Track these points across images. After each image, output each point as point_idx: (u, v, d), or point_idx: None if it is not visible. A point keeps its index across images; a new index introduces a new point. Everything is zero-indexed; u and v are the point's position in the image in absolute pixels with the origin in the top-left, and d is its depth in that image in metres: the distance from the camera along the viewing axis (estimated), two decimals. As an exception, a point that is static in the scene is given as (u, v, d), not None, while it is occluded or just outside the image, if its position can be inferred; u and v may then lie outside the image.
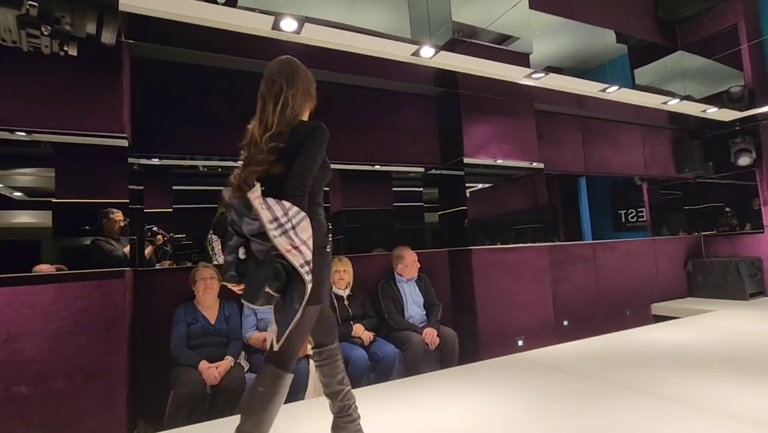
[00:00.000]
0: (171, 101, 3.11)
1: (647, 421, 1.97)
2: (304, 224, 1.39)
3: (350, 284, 3.25)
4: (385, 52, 2.93)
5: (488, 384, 2.64)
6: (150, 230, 3.02)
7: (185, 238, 3.27)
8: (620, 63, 5.22)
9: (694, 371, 2.65)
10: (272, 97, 1.57)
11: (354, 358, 2.84)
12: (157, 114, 3.05)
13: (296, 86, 1.60)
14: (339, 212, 3.93)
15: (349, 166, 3.86)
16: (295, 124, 1.55)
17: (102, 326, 2.33)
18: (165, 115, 3.08)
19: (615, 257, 5.05)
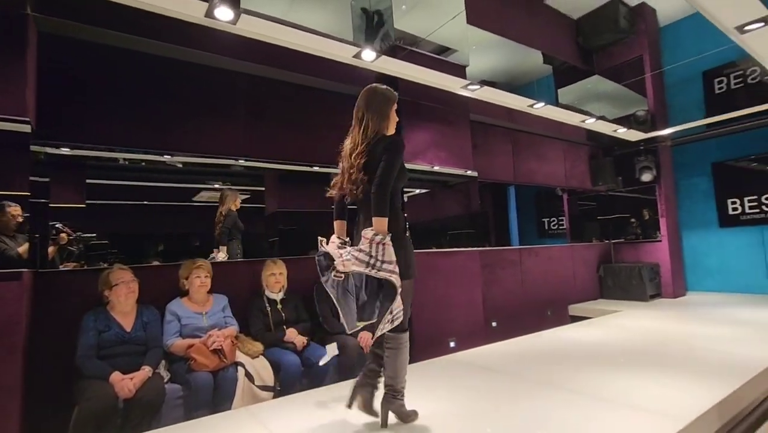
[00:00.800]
0: (88, 87, 2.82)
1: (564, 414, 2.12)
2: (388, 250, 1.77)
3: (284, 287, 3.15)
4: (327, 51, 2.90)
5: (421, 385, 2.68)
6: (53, 228, 2.70)
7: (96, 237, 2.97)
8: (546, 82, 5.65)
9: (604, 366, 2.90)
10: (357, 120, 2.03)
11: (286, 363, 2.75)
12: (70, 99, 2.74)
13: (373, 110, 1.99)
14: (275, 213, 3.81)
15: (287, 167, 3.76)
16: (376, 140, 1.94)
17: (-10, 334, 2.02)
18: (80, 101, 2.78)
19: (539, 262, 5.41)
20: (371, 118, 1.97)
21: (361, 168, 1.90)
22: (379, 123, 1.97)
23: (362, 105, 2.02)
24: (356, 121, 2.03)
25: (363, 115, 2.00)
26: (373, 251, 1.75)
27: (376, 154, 1.89)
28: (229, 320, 2.86)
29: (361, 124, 1.99)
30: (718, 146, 5.97)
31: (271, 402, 2.53)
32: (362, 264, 1.74)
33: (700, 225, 6.18)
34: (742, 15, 2.98)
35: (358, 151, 1.92)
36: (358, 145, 1.94)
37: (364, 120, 1.98)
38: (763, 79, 5.19)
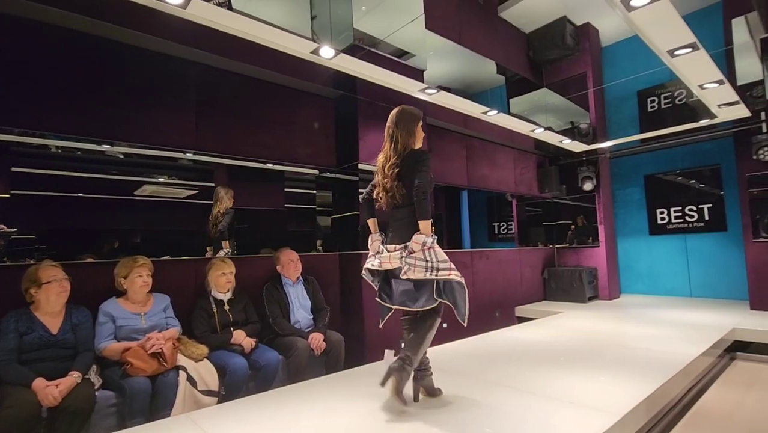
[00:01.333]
0: (16, 65, 2.55)
1: (509, 411, 2.19)
2: (438, 252, 2.14)
3: (233, 287, 3.03)
4: (284, 45, 2.82)
5: (372, 386, 2.66)
6: None
7: (20, 231, 2.70)
8: (499, 92, 5.87)
9: (547, 365, 3.04)
10: (389, 137, 2.30)
11: (232, 366, 2.63)
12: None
13: (402, 127, 2.27)
14: (225, 211, 3.65)
15: (239, 162, 3.63)
16: (406, 154, 2.24)
17: None
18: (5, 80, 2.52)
19: (489, 264, 5.59)
20: (401, 134, 2.26)
21: (395, 178, 2.21)
22: (407, 139, 2.26)
23: (392, 123, 2.30)
24: (387, 137, 2.31)
25: (393, 132, 2.28)
26: (428, 256, 2.10)
27: (409, 165, 2.19)
28: (170, 321, 2.70)
29: (392, 140, 2.28)
30: (650, 160, 6.49)
31: (214, 408, 2.41)
32: (423, 270, 2.10)
33: (633, 232, 6.67)
34: (673, 40, 3.25)
35: (391, 163, 2.23)
36: (390, 158, 2.25)
37: (395, 136, 2.27)
38: (688, 101, 5.70)
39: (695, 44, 3.29)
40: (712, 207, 5.97)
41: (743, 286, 5.32)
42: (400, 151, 2.24)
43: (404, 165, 2.21)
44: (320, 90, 3.96)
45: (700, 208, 6.07)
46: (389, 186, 2.21)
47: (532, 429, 1.96)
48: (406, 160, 2.21)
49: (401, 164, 2.21)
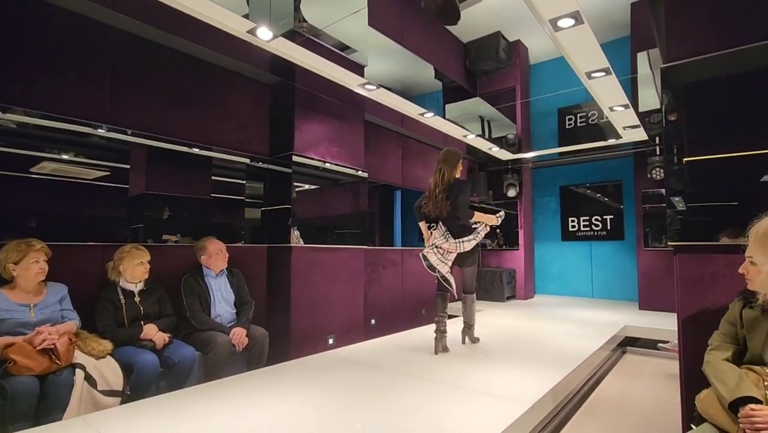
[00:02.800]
0: None
1: (431, 404, 2.25)
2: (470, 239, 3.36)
3: (145, 278, 2.77)
4: (219, 21, 2.64)
5: (296, 383, 2.60)
6: None
7: None
8: (436, 96, 6.06)
9: (467, 359, 3.18)
10: (438, 169, 3.29)
11: (140, 364, 2.40)
12: None
13: (448, 164, 3.29)
14: (141, 195, 3.34)
15: (161, 144, 3.33)
16: (451, 183, 3.27)
17: None
18: None
19: (417, 263, 5.71)
20: (447, 169, 3.26)
21: (442, 199, 3.23)
22: (450, 172, 3.28)
23: (441, 161, 3.29)
24: (437, 169, 3.29)
25: (441, 167, 3.27)
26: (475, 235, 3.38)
27: (453, 190, 3.23)
28: (67, 313, 2.40)
29: (440, 172, 3.27)
30: (565, 173, 7.10)
31: (117, 409, 2.18)
32: (472, 242, 3.36)
33: (548, 238, 7.26)
34: (591, 63, 3.59)
35: (440, 189, 3.24)
36: (438, 185, 3.25)
37: (442, 170, 3.27)
38: (599, 122, 6.32)
39: (608, 69, 3.65)
40: (614, 218, 6.69)
41: (635, 288, 6.02)
42: (446, 181, 3.24)
43: (449, 190, 3.22)
44: (256, 74, 3.78)
45: (604, 219, 6.77)
46: (440, 203, 3.23)
47: (451, 419, 2.03)
48: (452, 187, 3.23)
49: (446, 190, 3.23)
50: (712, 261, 1.90)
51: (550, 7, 2.73)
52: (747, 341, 1.56)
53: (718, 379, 1.51)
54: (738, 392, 1.40)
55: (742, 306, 1.62)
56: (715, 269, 1.86)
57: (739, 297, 1.65)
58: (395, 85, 4.98)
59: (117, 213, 3.26)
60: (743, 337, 1.59)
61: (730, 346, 1.62)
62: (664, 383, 3.52)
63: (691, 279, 1.97)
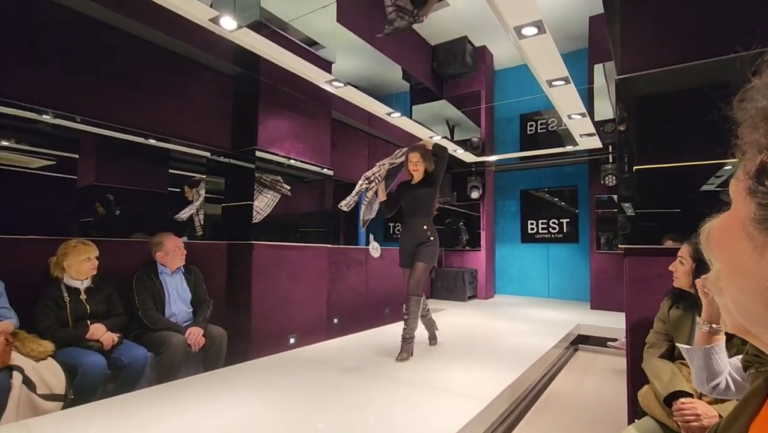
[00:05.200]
0: None
1: (390, 402, 2.26)
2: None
3: (92, 275, 2.61)
4: (180, 7, 2.53)
5: (254, 384, 2.53)
6: None
7: None
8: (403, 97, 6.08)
9: (429, 358, 3.23)
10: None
11: (86, 366, 2.26)
12: None
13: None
14: (90, 187, 3.15)
15: (113, 134, 3.15)
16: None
17: None
18: None
19: (382, 263, 5.73)
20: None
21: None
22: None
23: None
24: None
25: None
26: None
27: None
28: (3, 312, 2.22)
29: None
30: (526, 177, 7.35)
31: (58, 414, 2.04)
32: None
33: (509, 240, 7.48)
34: (552, 72, 3.73)
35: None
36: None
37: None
38: (558, 129, 6.59)
39: (568, 78, 3.81)
40: (569, 222, 6.99)
41: (587, 289, 6.32)
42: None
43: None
44: (218, 64, 3.65)
45: (560, 222, 7.06)
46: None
47: (412, 417, 2.04)
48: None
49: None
50: (657, 263, 2.02)
51: (515, 15, 2.82)
52: (674, 339, 1.68)
53: (654, 375, 1.62)
54: (671, 386, 1.51)
55: (669, 306, 1.74)
56: (660, 270, 1.98)
57: (668, 297, 1.78)
58: (363, 84, 4.96)
59: (63, 205, 3.05)
60: (672, 334, 1.71)
61: (664, 343, 1.74)
62: (612, 379, 3.72)
63: (638, 280, 2.09)
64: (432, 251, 3.19)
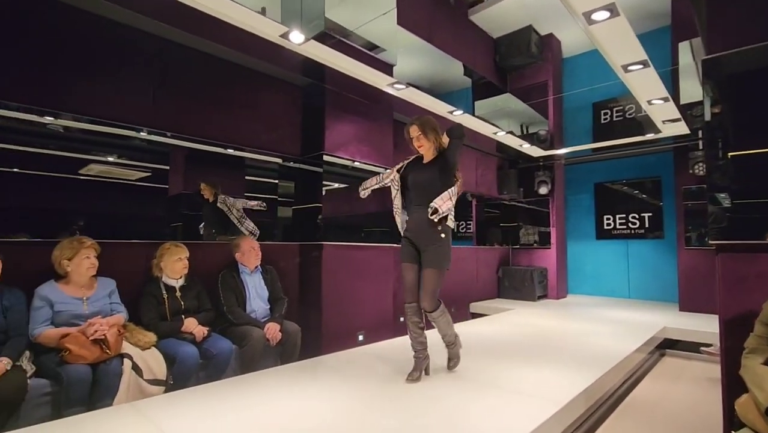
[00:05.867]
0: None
1: (458, 400, 2.26)
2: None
3: (185, 274, 2.91)
4: (253, 26, 2.74)
5: (328, 378, 2.67)
6: None
7: None
8: (465, 94, 5.99)
9: (497, 357, 3.16)
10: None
11: (182, 355, 2.53)
12: None
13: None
14: (179, 196, 3.49)
15: (197, 146, 3.47)
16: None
17: None
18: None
19: (446, 262, 5.70)
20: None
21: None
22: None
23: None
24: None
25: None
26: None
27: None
28: (116, 306, 2.56)
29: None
30: (600, 169, 6.88)
31: (161, 397, 2.31)
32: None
33: (582, 236, 7.06)
34: (628, 56, 3.47)
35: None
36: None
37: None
38: (637, 116, 6.08)
39: (646, 62, 3.52)
40: (652, 216, 6.42)
41: (674, 289, 5.77)
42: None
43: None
44: (288, 76, 3.87)
45: (641, 216, 6.52)
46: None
47: (481, 417, 2.03)
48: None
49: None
50: (757, 261, 1.81)
51: (584, 0, 2.66)
52: None
53: (754, 384, 1.46)
54: None
55: None
56: (761, 268, 1.78)
57: None
58: (424, 83, 4.97)
59: (158, 212, 3.43)
60: None
61: (766, 349, 1.56)
62: (705, 387, 3.38)
63: (733, 279, 1.89)
64: (443, 252, 2.61)
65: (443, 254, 2.61)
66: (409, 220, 2.72)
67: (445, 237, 2.60)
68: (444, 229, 2.61)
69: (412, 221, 2.70)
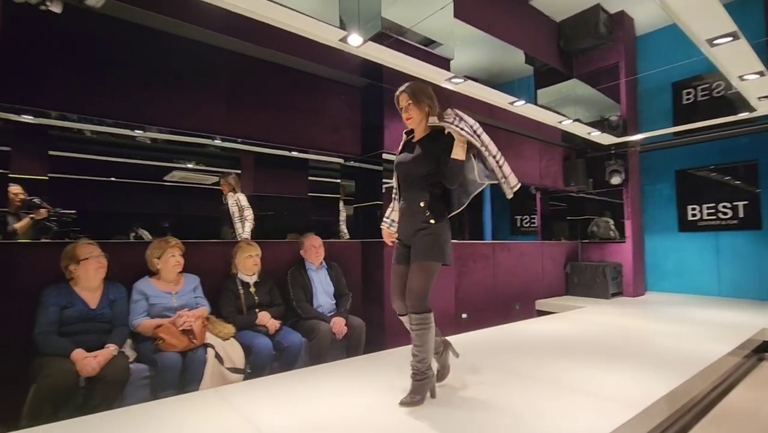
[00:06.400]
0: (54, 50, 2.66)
1: (526, 401, 2.20)
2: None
3: (258, 270, 3.12)
4: (313, 33, 2.85)
5: (392, 372, 2.72)
6: (30, 202, 2.56)
7: (73, 213, 2.83)
8: (526, 82, 5.75)
9: (566, 357, 3.03)
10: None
11: (257, 346, 2.72)
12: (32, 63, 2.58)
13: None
14: (249, 197, 3.74)
15: (264, 150, 3.69)
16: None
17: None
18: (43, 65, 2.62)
19: (510, 257, 5.55)
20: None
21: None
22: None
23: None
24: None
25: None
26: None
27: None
28: (200, 300, 2.81)
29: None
30: (682, 155, 6.26)
31: (240, 384, 2.51)
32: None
33: (662, 229, 6.48)
34: (713, 29, 3.13)
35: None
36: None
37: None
38: (726, 93, 5.46)
39: (736, 33, 3.16)
40: (748, 204, 5.74)
41: (777, 287, 5.12)
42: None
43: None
44: (346, 78, 3.98)
45: (734, 205, 5.84)
46: None
47: (549, 419, 1.97)
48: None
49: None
50: None
51: (659, -27, 2.45)
52: None
53: None
54: None
55: None
56: None
57: None
58: (482, 75, 4.84)
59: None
60: None
61: None
62: (817, 399, 2.98)
63: None
64: (432, 241, 2.06)
65: (433, 243, 2.04)
66: (401, 213, 2.22)
67: (435, 223, 2.06)
68: (436, 214, 2.08)
69: (401, 219, 2.21)
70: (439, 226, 2.08)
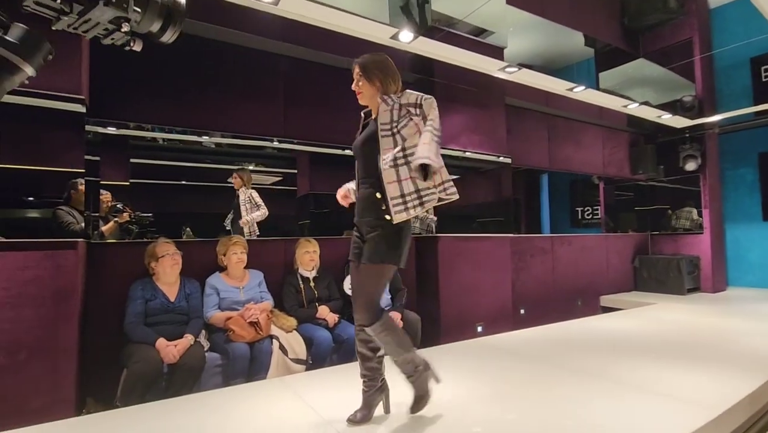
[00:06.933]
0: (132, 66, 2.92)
1: (594, 401, 2.11)
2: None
3: (317, 266, 3.24)
4: (365, 32, 2.90)
5: (447, 367, 2.71)
6: (114, 206, 2.86)
7: (151, 216, 3.12)
8: (586, 66, 5.44)
9: (636, 356, 2.86)
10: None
11: (318, 339, 2.84)
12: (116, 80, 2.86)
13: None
14: (306, 196, 3.87)
15: (319, 149, 3.80)
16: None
17: (50, 298, 2.19)
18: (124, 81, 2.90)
19: (571, 251, 5.30)
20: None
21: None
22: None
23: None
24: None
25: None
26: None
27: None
28: (264, 294, 2.98)
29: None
30: (766, 136, 5.62)
31: (303, 374, 2.63)
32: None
33: (744, 218, 5.88)
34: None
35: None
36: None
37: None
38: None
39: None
40: None
41: None
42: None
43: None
44: (397, 75, 3.99)
45: (834, 190, 5.16)
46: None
47: (619, 421, 1.87)
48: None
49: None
50: None
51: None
52: None
53: None
54: None
55: None
56: None
57: None
58: (537, 61, 4.65)
59: (290, 211, 3.86)
60: None
61: None
62: None
63: None
64: (384, 241, 1.80)
65: (383, 243, 1.78)
66: (356, 206, 1.98)
67: (390, 219, 1.76)
68: (390, 209, 1.75)
69: (357, 207, 1.95)
70: (394, 225, 1.79)
